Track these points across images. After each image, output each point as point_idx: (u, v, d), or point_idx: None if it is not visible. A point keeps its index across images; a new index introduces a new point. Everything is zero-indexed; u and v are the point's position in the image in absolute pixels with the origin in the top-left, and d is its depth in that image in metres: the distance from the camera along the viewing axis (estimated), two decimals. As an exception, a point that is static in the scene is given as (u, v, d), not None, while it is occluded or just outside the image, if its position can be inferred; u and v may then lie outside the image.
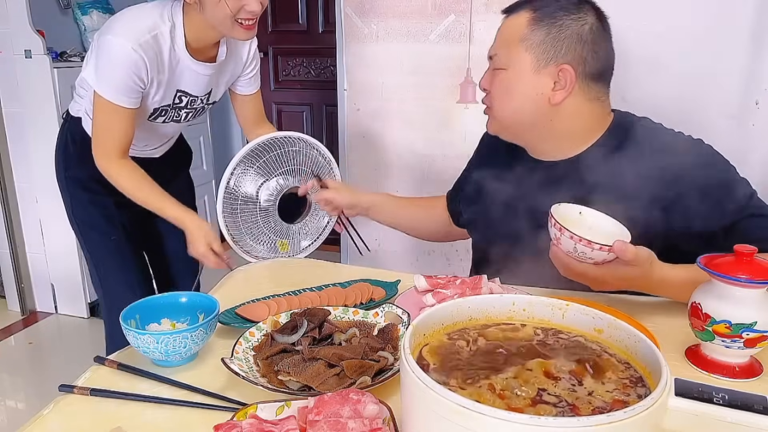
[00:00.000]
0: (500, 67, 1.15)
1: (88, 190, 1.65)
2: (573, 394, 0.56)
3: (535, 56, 1.10)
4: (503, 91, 1.15)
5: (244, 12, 1.40)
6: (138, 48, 1.39)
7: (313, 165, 1.59)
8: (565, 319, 0.70)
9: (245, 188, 1.53)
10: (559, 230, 0.93)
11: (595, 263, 0.93)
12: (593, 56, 1.10)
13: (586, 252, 0.91)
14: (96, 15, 3.07)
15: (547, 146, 1.19)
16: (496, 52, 1.16)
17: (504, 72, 1.14)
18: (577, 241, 0.91)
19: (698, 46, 1.69)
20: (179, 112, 1.61)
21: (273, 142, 1.53)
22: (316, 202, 1.51)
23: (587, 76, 1.11)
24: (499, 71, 1.15)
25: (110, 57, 1.40)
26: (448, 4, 1.96)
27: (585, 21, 1.10)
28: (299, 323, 0.91)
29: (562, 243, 0.93)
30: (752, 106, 1.68)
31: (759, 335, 0.82)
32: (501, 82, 1.15)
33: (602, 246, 0.89)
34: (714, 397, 0.58)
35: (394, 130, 2.17)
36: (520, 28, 1.12)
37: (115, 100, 1.42)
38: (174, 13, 1.46)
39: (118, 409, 0.79)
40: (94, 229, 1.68)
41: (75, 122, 1.65)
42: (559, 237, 0.93)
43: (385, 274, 1.23)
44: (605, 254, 0.90)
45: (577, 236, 0.90)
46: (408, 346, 0.58)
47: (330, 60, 3.54)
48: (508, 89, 1.14)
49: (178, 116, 1.62)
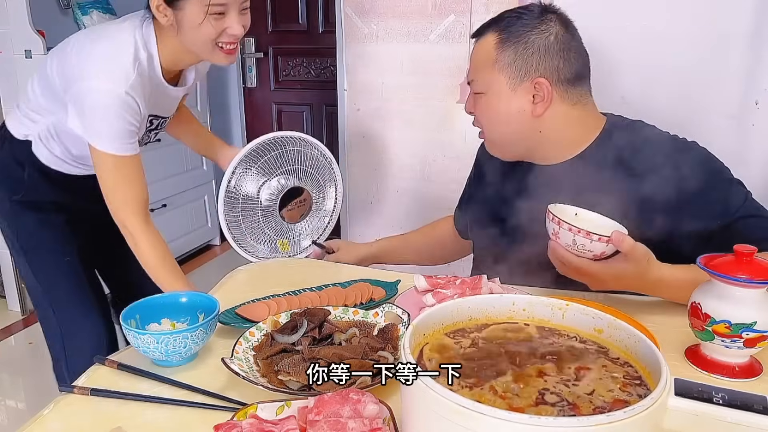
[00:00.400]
0: (479, 92, 1.18)
1: (40, 210, 1.51)
2: (574, 393, 0.56)
3: (509, 76, 1.14)
4: (487, 114, 1.19)
5: (225, 35, 1.31)
6: (130, 90, 1.28)
7: (314, 164, 1.59)
8: (565, 319, 0.70)
9: (246, 188, 1.53)
10: (557, 224, 0.94)
11: (593, 257, 0.94)
12: (565, 63, 1.13)
13: (585, 244, 0.92)
14: (96, 15, 3.06)
15: (546, 153, 1.21)
16: (473, 77, 1.19)
17: (483, 96, 1.18)
18: (575, 233, 0.92)
19: (698, 46, 1.69)
20: (149, 134, 1.51)
21: (273, 141, 1.53)
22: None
23: (564, 83, 1.14)
24: (479, 95, 1.19)
25: (103, 108, 1.27)
26: (448, 4, 1.96)
27: (549, 31, 1.13)
28: (299, 323, 0.91)
29: (561, 236, 0.94)
30: (752, 106, 1.68)
31: (759, 335, 0.82)
32: (483, 106, 1.19)
33: (600, 237, 0.91)
34: (714, 397, 0.58)
35: (394, 130, 2.17)
36: (489, 52, 1.15)
37: (121, 151, 1.31)
38: (147, 40, 1.34)
39: (118, 409, 0.79)
40: (46, 252, 1.52)
41: (21, 145, 1.48)
42: (557, 231, 0.94)
43: (385, 274, 1.23)
44: (604, 246, 0.92)
45: (575, 228, 0.92)
46: (408, 346, 0.58)
47: (330, 60, 3.54)
48: (491, 112, 1.18)
49: (147, 138, 1.52)
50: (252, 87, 3.80)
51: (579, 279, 0.99)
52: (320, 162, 1.59)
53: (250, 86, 3.80)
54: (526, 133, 1.18)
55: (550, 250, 0.99)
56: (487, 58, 1.15)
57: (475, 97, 1.21)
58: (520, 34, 1.13)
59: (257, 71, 3.77)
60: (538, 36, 1.13)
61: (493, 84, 1.15)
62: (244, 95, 3.83)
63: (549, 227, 0.97)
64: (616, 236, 0.91)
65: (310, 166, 1.59)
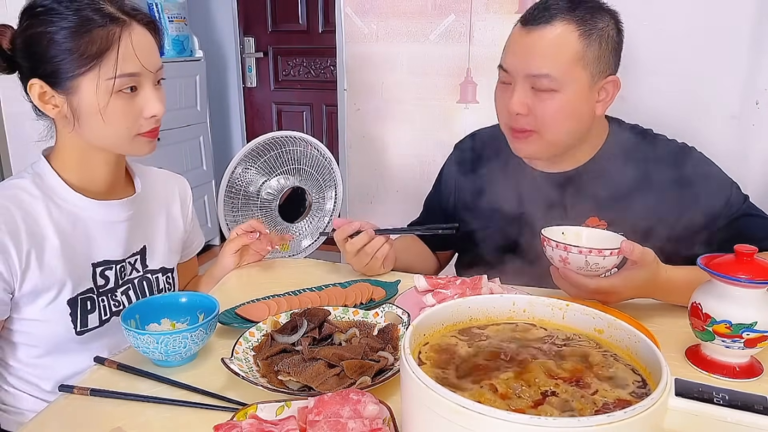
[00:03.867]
0: (553, 89, 1.04)
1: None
2: (574, 393, 0.56)
3: (591, 73, 1.05)
4: (560, 114, 1.06)
5: (142, 119, 1.00)
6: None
7: (314, 164, 1.59)
8: (565, 319, 0.70)
9: (246, 187, 1.53)
10: (564, 250, 0.92)
11: (606, 272, 0.93)
12: (618, 61, 1.09)
13: (598, 262, 0.91)
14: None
15: (570, 158, 1.16)
16: (547, 71, 1.03)
17: (558, 94, 1.05)
18: (587, 254, 0.90)
19: (698, 46, 1.69)
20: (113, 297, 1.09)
21: (273, 141, 1.53)
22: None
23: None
24: (549, 93, 1.05)
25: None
26: (448, 4, 1.96)
27: (615, 26, 1.07)
28: (299, 323, 0.91)
29: (571, 261, 0.92)
30: (752, 106, 1.68)
31: (759, 335, 0.82)
32: (555, 105, 1.05)
33: (612, 251, 0.90)
34: (714, 397, 0.58)
35: (394, 130, 2.17)
36: (572, 44, 1.02)
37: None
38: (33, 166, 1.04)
39: (118, 409, 0.79)
40: None
41: None
42: (566, 257, 0.92)
43: (385, 274, 1.23)
44: (616, 259, 0.91)
45: (585, 249, 0.91)
46: (408, 346, 0.58)
47: (330, 60, 3.54)
48: (565, 112, 1.06)
49: (117, 304, 1.09)
50: (252, 87, 3.80)
51: (594, 298, 0.96)
52: (320, 162, 1.59)
53: (250, 86, 3.80)
54: (582, 134, 1.10)
55: (558, 277, 0.97)
56: (568, 50, 1.03)
57: (537, 95, 1.06)
58: (601, 28, 1.04)
59: (257, 71, 3.77)
60: (612, 30, 1.05)
61: (575, 81, 1.04)
62: (244, 95, 3.84)
63: (554, 254, 0.94)
64: (626, 245, 0.90)
65: (310, 166, 1.59)
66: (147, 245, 1.15)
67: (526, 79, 1.06)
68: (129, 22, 0.96)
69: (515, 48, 1.08)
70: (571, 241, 0.95)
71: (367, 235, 1.16)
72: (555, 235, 0.98)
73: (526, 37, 1.06)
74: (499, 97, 1.15)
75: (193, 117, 3.39)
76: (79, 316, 1.04)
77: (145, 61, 0.98)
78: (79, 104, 0.96)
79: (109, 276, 1.08)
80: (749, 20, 1.64)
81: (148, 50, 0.99)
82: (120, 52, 0.94)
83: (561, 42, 1.03)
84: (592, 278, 0.94)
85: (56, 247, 1.00)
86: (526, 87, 1.07)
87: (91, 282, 1.05)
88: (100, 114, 0.96)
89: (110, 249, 1.08)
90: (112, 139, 1.00)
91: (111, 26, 0.94)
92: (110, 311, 1.08)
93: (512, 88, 1.09)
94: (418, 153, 2.15)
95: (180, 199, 1.24)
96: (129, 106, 0.98)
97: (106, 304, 1.07)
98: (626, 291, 0.96)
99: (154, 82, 1.02)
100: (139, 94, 0.99)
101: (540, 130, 1.08)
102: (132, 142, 1.02)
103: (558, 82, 1.04)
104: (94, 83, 0.94)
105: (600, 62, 1.05)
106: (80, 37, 0.93)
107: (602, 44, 1.04)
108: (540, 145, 1.11)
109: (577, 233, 1.02)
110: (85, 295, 1.04)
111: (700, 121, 1.69)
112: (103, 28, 0.93)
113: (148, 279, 1.15)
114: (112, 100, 0.96)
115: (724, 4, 1.65)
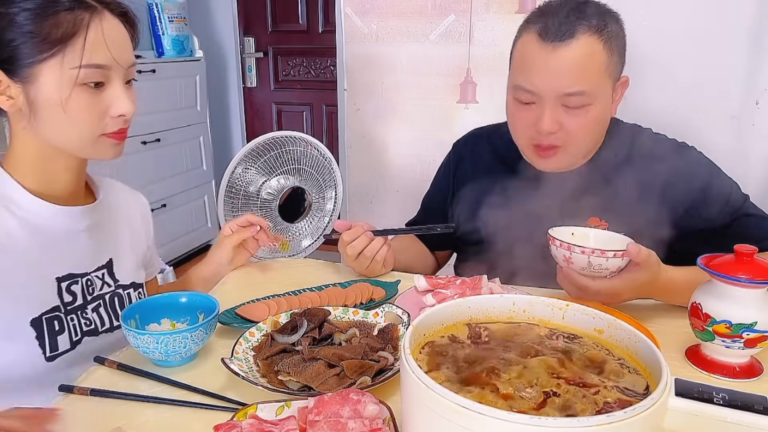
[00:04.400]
0: (584, 104, 1.02)
1: None
2: (575, 394, 0.56)
3: (613, 79, 1.05)
4: (590, 126, 1.05)
5: (108, 117, 0.91)
6: None
7: (314, 164, 1.59)
8: (565, 319, 0.70)
9: (246, 187, 1.53)
10: (567, 249, 0.92)
11: (609, 274, 0.92)
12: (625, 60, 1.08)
13: (601, 263, 0.90)
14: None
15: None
16: (582, 89, 1.01)
17: (591, 107, 1.03)
18: (590, 254, 0.90)
19: (698, 46, 1.69)
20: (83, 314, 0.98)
21: (273, 141, 1.53)
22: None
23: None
24: (584, 108, 1.03)
25: None
26: (448, 4, 1.96)
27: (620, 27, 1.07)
28: (299, 323, 0.91)
29: (575, 261, 0.92)
30: (752, 106, 1.68)
31: (759, 335, 0.82)
32: (589, 119, 1.04)
33: (616, 252, 0.90)
34: (714, 397, 0.58)
35: (394, 130, 2.17)
36: (598, 57, 1.01)
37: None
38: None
39: (118, 409, 0.79)
40: None
41: None
42: (569, 256, 0.92)
43: (385, 274, 1.23)
44: (620, 261, 0.90)
45: (589, 249, 0.90)
46: (408, 346, 0.58)
47: (330, 60, 3.54)
48: (596, 122, 1.05)
49: (88, 322, 0.98)
50: (252, 87, 3.80)
51: (595, 300, 0.96)
52: (320, 162, 1.59)
53: (250, 86, 3.80)
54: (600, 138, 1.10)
55: (562, 277, 0.97)
56: (596, 65, 1.01)
57: (569, 112, 1.03)
58: (615, 32, 1.03)
59: (257, 71, 3.77)
60: (621, 31, 1.05)
61: (604, 92, 1.03)
62: (244, 95, 3.84)
63: (558, 254, 0.94)
64: (632, 248, 0.89)
65: (310, 166, 1.59)
66: (113, 258, 1.05)
67: (557, 98, 1.03)
68: (100, 10, 0.88)
69: (540, 68, 1.02)
70: (579, 242, 0.94)
71: (366, 237, 1.16)
72: (564, 235, 0.97)
73: (552, 56, 1.01)
74: (519, 117, 1.10)
75: (193, 117, 3.39)
76: (47, 338, 0.91)
77: (116, 54, 0.89)
78: (37, 95, 0.87)
79: (76, 291, 0.97)
80: (749, 20, 1.64)
81: (120, 42, 0.90)
82: (88, 40, 0.86)
83: (590, 56, 1.00)
84: (594, 279, 0.93)
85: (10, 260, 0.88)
86: (557, 105, 1.04)
87: (57, 299, 0.94)
88: (61, 107, 0.86)
89: (74, 261, 0.97)
90: (72, 137, 0.90)
91: (79, 11, 0.86)
92: (81, 331, 0.97)
93: (540, 108, 1.05)
94: (418, 153, 2.15)
95: (141, 214, 1.16)
96: (94, 102, 0.88)
97: (76, 323, 0.96)
98: (628, 292, 0.96)
99: (124, 80, 0.92)
100: (106, 89, 0.90)
101: (567, 144, 1.07)
102: (95, 144, 0.91)
103: (590, 96, 1.02)
104: (56, 72, 0.85)
105: (617, 66, 1.05)
106: (43, 20, 0.84)
107: (617, 48, 1.04)
108: (566, 159, 1.11)
109: (586, 234, 1.02)
110: (51, 313, 0.92)
111: (700, 121, 1.69)
112: (71, 12, 0.85)
113: (120, 295, 1.05)
114: (75, 93, 0.86)
115: (724, 4, 1.65)
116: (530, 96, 1.05)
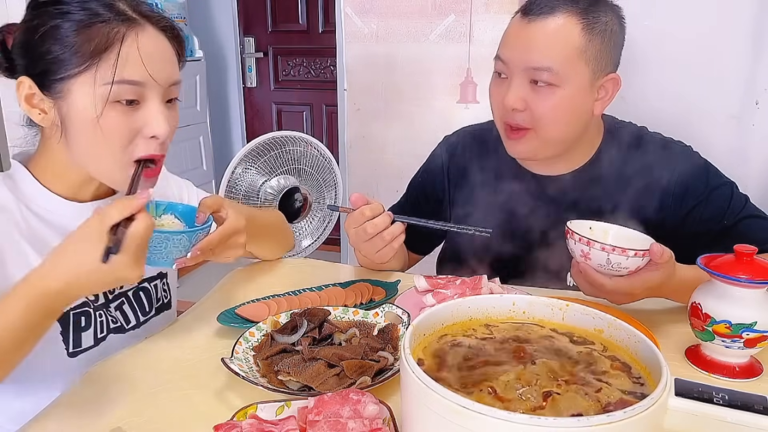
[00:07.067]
0: (553, 83, 1.01)
1: None
2: (575, 393, 0.56)
3: (593, 69, 1.01)
4: (558, 111, 1.02)
5: (142, 138, 0.85)
6: None
7: (314, 164, 1.60)
8: (565, 319, 0.70)
9: (246, 187, 1.53)
10: (586, 244, 0.88)
11: (628, 273, 0.89)
12: (619, 58, 1.06)
13: (621, 262, 0.87)
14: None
15: (565, 160, 1.14)
16: (548, 65, 1.00)
17: (558, 89, 1.01)
18: (609, 252, 0.87)
19: (698, 46, 1.69)
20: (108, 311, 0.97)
21: (273, 141, 1.53)
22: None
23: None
24: (549, 88, 1.01)
25: None
26: (448, 4, 1.96)
27: (618, 21, 1.04)
28: (299, 323, 0.91)
29: (592, 257, 0.89)
30: (752, 106, 1.69)
31: (759, 335, 0.82)
32: (554, 101, 1.01)
33: (637, 252, 0.86)
34: (714, 397, 0.58)
35: (394, 130, 2.17)
36: (573, 38, 0.99)
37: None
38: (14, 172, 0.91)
39: (118, 409, 0.79)
40: None
41: None
42: (588, 252, 0.89)
43: (385, 274, 1.23)
44: (640, 260, 0.87)
45: (609, 246, 0.87)
46: (408, 346, 0.58)
47: (330, 60, 3.54)
48: (564, 109, 1.02)
49: (114, 320, 0.98)
50: (252, 87, 3.80)
51: (607, 298, 0.94)
52: (320, 162, 1.59)
53: (250, 86, 3.80)
54: (579, 134, 1.07)
55: (578, 272, 0.93)
56: (569, 44, 0.99)
57: (536, 90, 1.02)
58: (605, 22, 1.00)
59: (257, 71, 3.77)
60: (616, 25, 1.02)
61: (576, 77, 1.00)
62: (244, 95, 3.84)
63: (576, 248, 0.91)
64: (656, 248, 0.85)
65: (310, 166, 1.59)
66: None
67: (524, 72, 1.02)
68: (141, 23, 0.83)
69: (514, 39, 1.04)
70: (597, 238, 0.91)
71: (388, 216, 1.06)
72: (582, 230, 0.93)
73: (526, 28, 1.01)
74: (494, 91, 1.10)
75: (193, 117, 3.39)
76: (72, 334, 0.91)
77: (154, 70, 0.83)
78: (69, 111, 0.82)
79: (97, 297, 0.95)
80: (749, 20, 1.64)
81: (159, 58, 0.85)
82: (122, 54, 0.81)
83: (563, 34, 0.99)
84: (611, 278, 0.90)
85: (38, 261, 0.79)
86: (524, 81, 1.03)
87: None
88: (93, 125, 0.82)
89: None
90: (102, 159, 0.85)
91: (115, 23, 0.81)
92: (107, 328, 0.96)
93: (509, 82, 1.05)
94: (418, 153, 2.15)
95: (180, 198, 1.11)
96: (126, 121, 0.83)
97: (103, 319, 0.95)
98: (643, 292, 0.93)
99: (163, 99, 0.86)
100: (141, 108, 0.84)
101: (536, 127, 1.05)
102: (124, 170, 0.85)
103: (558, 76, 1.00)
104: (89, 88, 0.81)
105: (602, 58, 1.02)
106: (78, 33, 0.80)
107: (605, 39, 1.01)
108: (535, 144, 1.08)
109: (605, 230, 0.98)
110: (79, 309, 0.92)
111: (699, 121, 1.69)
112: (106, 24, 0.80)
113: (146, 288, 1.02)
114: (107, 110, 0.81)
115: (725, 5, 1.65)
116: (504, 67, 1.06)
